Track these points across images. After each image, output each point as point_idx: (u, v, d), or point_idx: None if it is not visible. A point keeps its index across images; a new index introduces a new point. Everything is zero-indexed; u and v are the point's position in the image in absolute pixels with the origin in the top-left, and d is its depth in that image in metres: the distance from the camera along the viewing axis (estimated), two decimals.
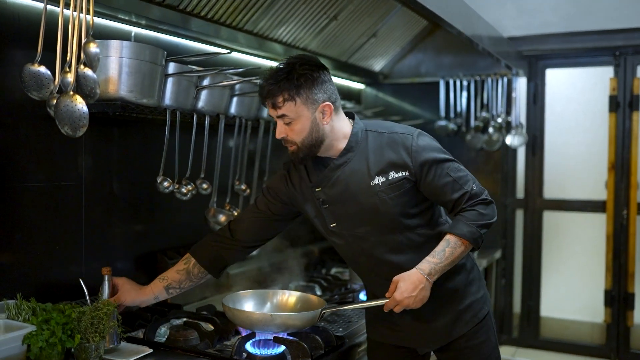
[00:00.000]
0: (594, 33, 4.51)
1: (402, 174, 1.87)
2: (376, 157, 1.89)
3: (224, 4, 2.48)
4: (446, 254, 1.85)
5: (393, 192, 1.87)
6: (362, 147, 1.91)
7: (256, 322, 2.02)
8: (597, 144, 4.61)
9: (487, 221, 1.88)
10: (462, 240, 1.86)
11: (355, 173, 1.90)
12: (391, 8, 3.34)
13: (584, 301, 4.72)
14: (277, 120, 1.87)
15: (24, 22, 2.03)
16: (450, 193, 1.87)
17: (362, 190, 1.89)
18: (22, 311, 1.82)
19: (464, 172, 1.91)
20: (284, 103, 1.81)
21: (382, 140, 1.90)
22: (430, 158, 1.87)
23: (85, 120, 1.69)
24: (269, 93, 1.82)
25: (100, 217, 2.37)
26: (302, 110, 1.82)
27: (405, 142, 1.88)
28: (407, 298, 1.83)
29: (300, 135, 1.85)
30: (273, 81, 1.81)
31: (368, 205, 1.89)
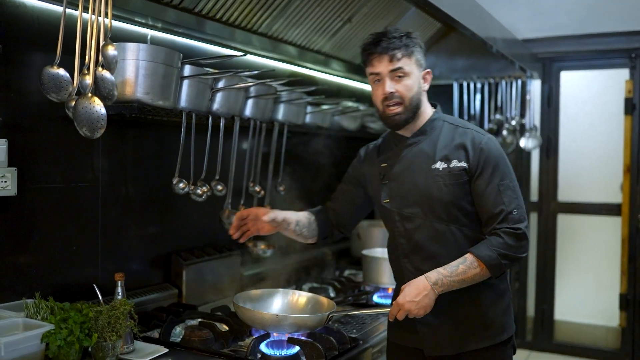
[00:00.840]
0: (609, 35, 4.48)
1: (462, 165, 1.92)
2: (443, 144, 1.96)
3: (238, 7, 2.50)
4: (459, 270, 1.86)
5: (450, 180, 1.92)
6: (435, 133, 1.99)
7: (265, 322, 2.04)
8: (612, 146, 4.58)
9: (511, 253, 1.86)
10: (479, 262, 1.86)
11: (421, 154, 1.98)
12: (405, 10, 3.34)
13: (598, 305, 4.68)
14: (384, 77, 1.92)
15: (43, 25, 2.06)
16: (491, 204, 1.89)
17: (422, 172, 1.96)
18: (41, 310, 1.85)
19: (514, 194, 1.91)
20: (402, 57, 1.90)
21: (455, 132, 1.98)
22: (491, 162, 1.91)
23: (103, 122, 1.71)
24: (389, 46, 1.89)
25: (116, 218, 2.39)
26: (414, 68, 1.94)
27: (475, 139, 1.94)
28: (409, 302, 1.85)
29: (409, 92, 1.93)
30: (395, 35, 1.90)
31: (424, 187, 1.95)
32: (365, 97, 4.37)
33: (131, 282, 2.38)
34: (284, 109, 2.82)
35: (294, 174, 3.21)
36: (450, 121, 2.03)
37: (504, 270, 1.89)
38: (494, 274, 1.88)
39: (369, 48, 1.95)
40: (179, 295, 2.59)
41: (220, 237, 2.85)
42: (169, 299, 2.54)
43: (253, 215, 2.14)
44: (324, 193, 3.83)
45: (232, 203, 2.58)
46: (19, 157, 2.00)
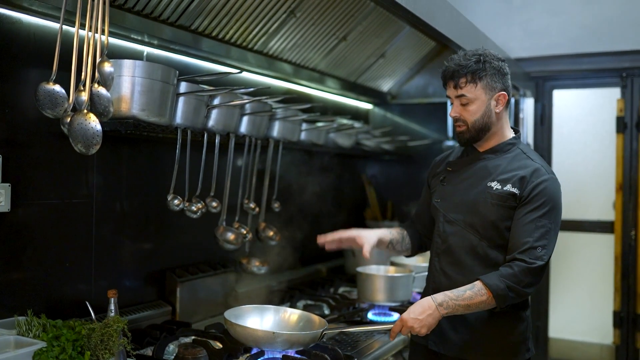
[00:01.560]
0: (601, 54, 4.53)
1: (514, 191, 1.97)
2: (507, 168, 2.03)
3: (234, 25, 2.51)
4: (465, 295, 1.90)
5: (497, 201, 1.99)
6: (505, 155, 2.07)
7: (257, 339, 2.02)
8: (605, 164, 4.61)
9: (520, 287, 1.89)
10: (487, 290, 1.90)
11: (483, 170, 2.07)
12: (400, 29, 3.38)
13: (592, 322, 4.68)
14: (453, 101, 2.04)
15: (39, 41, 2.06)
16: (520, 234, 1.93)
17: (478, 185, 2.04)
18: (33, 327, 1.83)
19: (548, 236, 1.94)
20: (466, 84, 1.99)
21: (524, 161, 2.04)
22: (542, 199, 1.94)
23: (98, 138, 1.71)
24: (454, 73, 2.00)
25: (110, 234, 2.38)
26: (480, 94, 2.00)
27: (536, 173, 1.98)
28: (412, 319, 1.90)
29: (473, 116, 2.02)
30: (461, 63, 1.99)
31: (473, 199, 2.03)
32: (360, 115, 4.39)
33: (125, 299, 2.37)
34: (279, 126, 2.83)
35: (289, 191, 3.21)
36: (524, 150, 2.09)
37: (508, 303, 1.92)
38: (499, 304, 1.92)
39: (442, 73, 2.07)
40: (172, 313, 2.57)
41: (214, 254, 2.84)
42: (163, 316, 2.52)
43: (353, 237, 2.19)
44: (318, 210, 3.85)
45: (227, 220, 2.58)
46: (13, 173, 2.00)
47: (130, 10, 2.13)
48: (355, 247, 2.22)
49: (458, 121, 2.05)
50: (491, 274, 1.92)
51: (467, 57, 2.00)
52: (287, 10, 2.63)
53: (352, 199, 4.44)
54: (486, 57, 2.00)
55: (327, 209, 3.99)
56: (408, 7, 2.26)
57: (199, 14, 2.35)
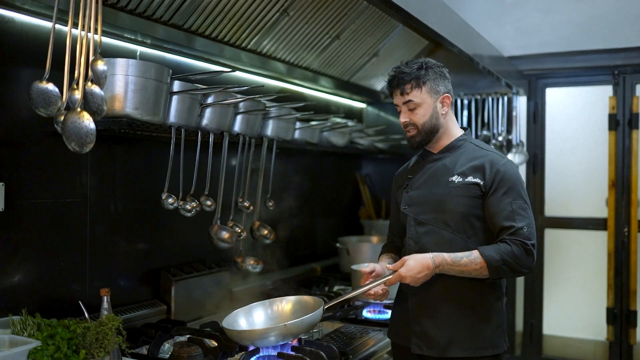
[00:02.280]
0: (593, 52, 4.55)
1: (477, 180, 2.05)
2: (464, 162, 2.12)
3: (227, 24, 2.52)
4: (461, 261, 1.99)
5: (463, 192, 2.06)
6: (458, 151, 2.16)
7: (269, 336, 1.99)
8: (598, 161, 4.62)
9: (515, 263, 1.97)
10: (482, 260, 1.97)
11: (442, 168, 2.14)
12: (392, 28, 3.38)
13: (586, 319, 4.70)
14: (401, 108, 2.13)
15: (32, 41, 2.06)
16: (502, 219, 2.01)
17: (440, 183, 2.11)
18: (28, 326, 1.83)
19: (526, 213, 2.03)
20: (412, 90, 2.09)
21: (477, 152, 2.14)
22: (506, 182, 2.04)
23: (92, 137, 1.71)
24: (399, 81, 2.10)
25: (105, 233, 2.38)
26: (426, 98, 2.10)
27: (494, 160, 2.09)
28: (410, 277, 1.99)
29: (422, 119, 2.11)
30: (404, 71, 2.09)
31: (439, 196, 2.10)
32: (354, 114, 4.40)
33: (119, 298, 2.37)
34: (273, 124, 2.83)
35: (283, 190, 3.21)
36: (475, 143, 2.19)
37: (501, 275, 2.01)
38: (491, 275, 1.99)
39: (388, 83, 2.16)
40: (167, 312, 2.57)
41: (209, 252, 2.85)
42: (158, 315, 2.52)
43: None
44: (312, 208, 3.86)
45: (221, 218, 2.58)
46: (7, 172, 1.99)
47: (123, 9, 2.12)
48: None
49: (408, 126, 2.14)
50: (489, 246, 2.01)
51: (409, 65, 2.11)
52: (280, 9, 2.63)
53: (346, 197, 4.45)
54: (427, 63, 2.12)
55: (321, 208, 4.00)
56: (401, 4, 2.27)
57: (192, 12, 2.35)
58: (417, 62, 2.12)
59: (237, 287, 2.96)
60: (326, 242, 3.99)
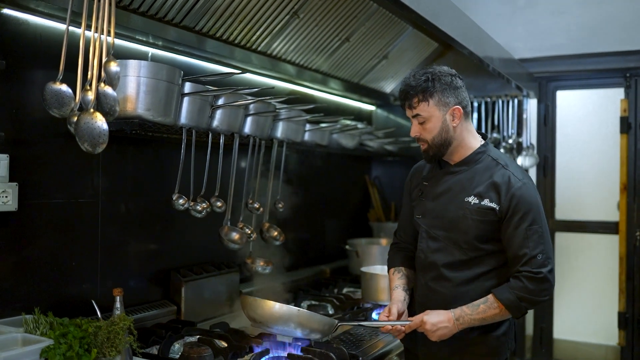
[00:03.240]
0: (605, 55, 4.53)
1: (492, 205, 1.99)
2: (481, 180, 2.03)
3: (238, 26, 2.53)
4: (479, 309, 1.96)
5: (477, 216, 2.00)
6: (477, 165, 2.07)
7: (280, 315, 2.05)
8: (609, 165, 4.60)
9: (530, 296, 1.94)
10: (498, 304, 1.95)
11: (459, 184, 2.07)
12: (403, 31, 3.39)
13: (597, 323, 4.67)
14: (412, 121, 2.07)
15: (45, 42, 2.08)
16: (516, 247, 1.96)
17: (455, 202, 2.05)
18: (40, 325, 1.85)
19: (541, 239, 1.97)
20: (419, 104, 2.01)
21: (495, 169, 2.04)
22: (522, 208, 1.97)
23: (104, 137, 1.73)
24: (406, 94, 2.04)
25: (116, 234, 2.40)
26: (433, 111, 2.01)
27: (511, 182, 1.99)
28: (431, 324, 1.95)
29: (431, 134, 2.03)
30: (410, 84, 2.02)
31: (453, 215, 2.04)
32: (364, 116, 4.40)
33: (130, 298, 2.38)
34: (282, 126, 2.84)
35: (293, 191, 3.22)
36: (494, 156, 2.08)
37: (524, 311, 1.98)
38: (514, 315, 1.98)
39: (398, 96, 2.10)
40: (177, 312, 2.59)
41: (219, 253, 2.86)
42: (168, 315, 2.53)
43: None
44: (322, 210, 3.86)
45: (231, 220, 2.59)
46: (21, 172, 2.01)
47: (135, 11, 2.14)
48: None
49: (419, 140, 2.08)
50: (502, 287, 1.97)
51: (416, 77, 2.02)
52: (290, 11, 2.64)
53: (355, 199, 4.45)
54: (435, 74, 2.02)
55: (330, 210, 4.00)
56: (412, 6, 2.27)
57: (203, 15, 2.36)
58: (425, 73, 2.02)
59: (246, 288, 2.97)
60: (335, 244, 3.99)
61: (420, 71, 2.05)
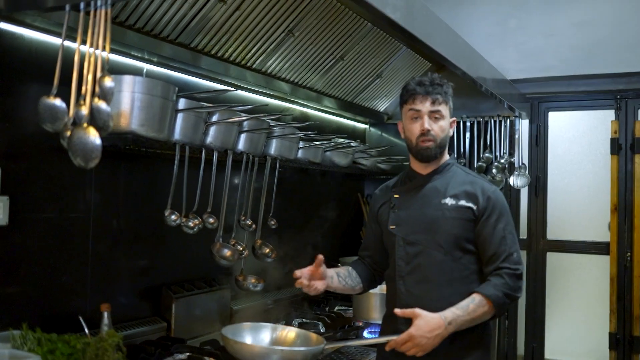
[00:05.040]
0: (596, 77, 4.58)
1: (470, 205, 2.08)
2: (455, 185, 2.14)
3: (233, 44, 2.55)
4: (469, 309, 1.97)
5: (456, 214, 2.08)
6: (448, 175, 2.18)
7: (255, 356, 1.99)
8: (600, 185, 4.62)
9: (512, 293, 2.01)
10: (487, 301, 1.97)
11: (433, 190, 2.15)
12: (396, 50, 3.42)
13: (588, 344, 4.66)
14: (424, 115, 2.10)
15: (40, 56, 2.09)
16: (495, 245, 2.04)
17: (432, 204, 2.13)
18: (28, 341, 1.83)
19: (514, 239, 2.10)
20: (442, 102, 2.12)
21: (467, 178, 2.17)
22: (497, 209, 2.09)
23: (97, 152, 1.72)
24: (434, 90, 2.10)
25: (107, 249, 2.38)
26: (447, 114, 2.15)
27: (485, 187, 2.14)
28: (421, 337, 1.91)
29: (442, 132, 2.13)
30: (437, 82, 2.11)
31: (431, 216, 2.11)
32: (357, 134, 4.42)
33: (120, 314, 2.36)
34: (276, 143, 2.84)
35: (286, 209, 3.22)
36: (462, 169, 2.23)
37: (505, 309, 2.02)
38: (498, 312, 2.00)
39: (414, 88, 2.13)
40: (167, 329, 2.56)
41: (211, 270, 2.84)
42: (158, 332, 2.51)
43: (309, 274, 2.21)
44: (314, 228, 3.85)
45: (224, 236, 2.58)
46: (12, 186, 2.00)
47: (131, 27, 2.15)
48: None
49: (428, 135, 2.11)
50: (485, 285, 2.01)
51: (437, 79, 2.13)
52: (285, 29, 2.66)
53: (348, 217, 4.44)
54: (447, 83, 2.16)
55: (323, 227, 3.99)
56: (406, 26, 2.29)
57: (199, 32, 2.38)
58: (440, 78, 2.15)
59: (237, 306, 2.96)
60: (327, 262, 3.96)
61: (435, 75, 2.16)
